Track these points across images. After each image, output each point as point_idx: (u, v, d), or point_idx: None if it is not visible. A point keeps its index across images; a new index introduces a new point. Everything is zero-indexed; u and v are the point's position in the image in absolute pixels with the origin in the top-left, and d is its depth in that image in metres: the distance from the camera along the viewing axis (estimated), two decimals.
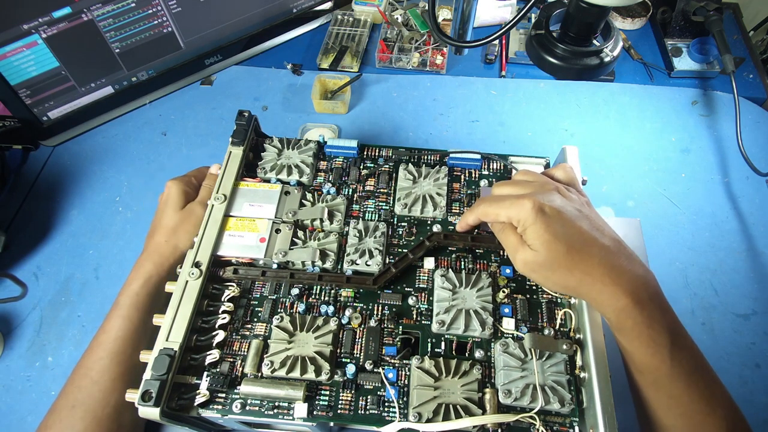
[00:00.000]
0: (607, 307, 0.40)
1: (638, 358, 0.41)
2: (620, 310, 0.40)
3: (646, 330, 0.39)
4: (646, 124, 0.79)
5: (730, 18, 0.93)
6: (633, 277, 0.40)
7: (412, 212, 0.53)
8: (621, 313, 0.40)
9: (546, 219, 0.41)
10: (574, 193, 0.46)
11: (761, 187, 0.72)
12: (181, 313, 0.44)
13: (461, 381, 0.43)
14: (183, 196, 0.57)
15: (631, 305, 0.39)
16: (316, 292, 0.49)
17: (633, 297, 0.39)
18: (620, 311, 0.40)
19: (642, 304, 0.39)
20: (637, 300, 0.39)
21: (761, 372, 0.59)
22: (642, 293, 0.40)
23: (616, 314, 0.40)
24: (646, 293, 0.40)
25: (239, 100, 0.84)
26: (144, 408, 0.39)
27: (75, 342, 0.61)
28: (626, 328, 0.40)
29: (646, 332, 0.39)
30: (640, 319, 0.39)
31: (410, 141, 0.78)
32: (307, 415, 0.42)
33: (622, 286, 0.40)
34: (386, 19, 0.89)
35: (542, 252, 0.41)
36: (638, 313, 0.39)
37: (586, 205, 0.46)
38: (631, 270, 0.41)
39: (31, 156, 0.78)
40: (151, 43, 0.76)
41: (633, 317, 0.39)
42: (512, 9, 0.89)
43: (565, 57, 0.50)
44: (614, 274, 0.40)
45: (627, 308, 0.39)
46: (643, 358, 0.40)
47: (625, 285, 0.40)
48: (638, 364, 0.41)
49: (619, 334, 0.42)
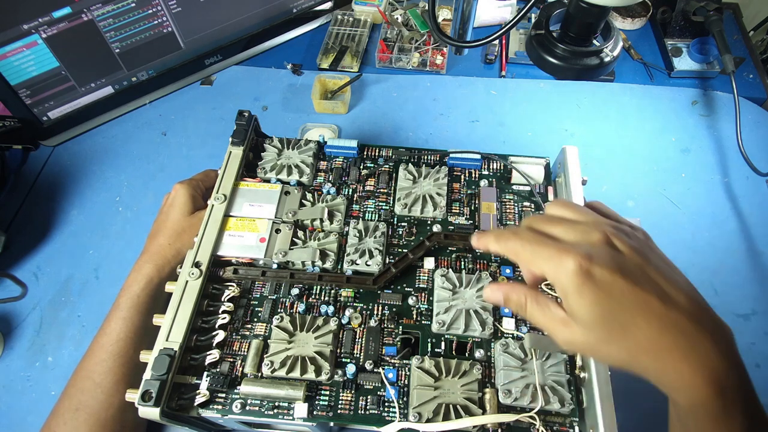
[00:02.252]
0: (682, 396, 0.31)
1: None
2: (698, 403, 0.31)
3: (725, 421, 0.31)
4: (646, 124, 0.79)
5: (730, 18, 0.93)
6: (717, 360, 0.30)
7: (412, 212, 0.53)
8: (698, 406, 0.31)
9: (595, 288, 0.31)
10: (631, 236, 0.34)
11: (761, 187, 0.72)
12: (181, 313, 0.44)
13: (461, 381, 0.43)
14: (191, 201, 0.57)
15: (713, 397, 0.30)
16: (316, 292, 0.49)
17: (715, 386, 0.30)
18: (697, 404, 0.31)
19: (725, 394, 0.30)
20: (719, 389, 0.30)
21: (761, 372, 0.59)
22: (727, 379, 0.30)
23: (690, 404, 0.31)
24: (731, 378, 0.31)
25: (239, 100, 0.84)
26: (144, 408, 0.39)
27: (75, 342, 0.61)
28: (700, 419, 0.32)
29: (723, 422, 0.31)
30: (720, 411, 0.31)
31: (410, 141, 0.78)
32: (307, 415, 0.42)
33: (704, 373, 0.30)
34: (386, 19, 0.89)
35: (593, 331, 0.32)
36: (720, 404, 0.30)
37: (647, 249, 0.34)
38: (714, 348, 0.31)
39: (31, 156, 0.78)
40: (151, 43, 0.76)
41: (712, 410, 0.31)
42: (512, 9, 0.89)
43: (565, 57, 0.50)
44: (694, 356, 0.30)
45: (707, 402, 0.30)
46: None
47: (708, 371, 0.30)
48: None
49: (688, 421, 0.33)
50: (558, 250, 0.32)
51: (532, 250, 0.33)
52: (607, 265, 0.31)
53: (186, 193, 0.57)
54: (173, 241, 0.55)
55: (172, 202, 0.57)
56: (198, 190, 0.59)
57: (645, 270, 0.32)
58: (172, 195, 0.58)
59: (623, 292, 0.31)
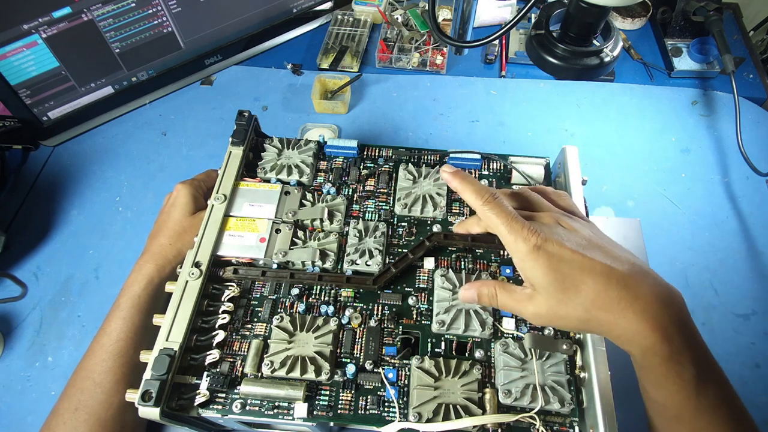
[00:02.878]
0: (633, 345, 0.36)
1: (661, 394, 0.37)
2: (647, 349, 0.35)
3: (674, 366, 0.36)
4: (646, 124, 0.79)
5: (730, 18, 0.93)
6: (660, 308, 0.35)
7: (412, 212, 0.53)
8: (647, 352, 0.36)
9: (547, 256, 0.37)
10: (576, 220, 0.41)
11: (761, 187, 0.72)
12: (181, 313, 0.44)
13: (461, 381, 0.43)
14: (193, 201, 0.57)
15: (659, 342, 0.35)
16: (316, 292, 0.49)
17: (661, 332, 0.35)
18: (647, 349, 0.36)
19: (670, 339, 0.35)
20: (665, 335, 0.35)
21: (761, 372, 0.59)
22: (670, 326, 0.35)
23: (641, 352, 0.36)
24: (675, 325, 0.35)
25: (239, 100, 0.84)
26: (144, 408, 0.39)
27: (75, 342, 0.61)
28: (652, 366, 0.36)
29: (674, 368, 0.36)
30: (668, 356, 0.35)
31: (410, 141, 0.78)
32: (307, 415, 0.42)
33: (648, 321, 0.35)
34: (386, 19, 0.89)
35: (551, 294, 0.37)
36: (666, 349, 0.35)
37: (595, 231, 0.41)
38: (656, 298, 0.36)
39: (31, 156, 0.78)
40: (151, 43, 0.76)
41: (660, 354, 0.35)
42: (512, 9, 0.89)
43: (565, 57, 0.50)
44: (637, 307, 0.35)
45: (654, 346, 0.35)
46: (666, 393, 0.37)
47: (651, 319, 0.35)
48: (660, 399, 0.38)
49: (643, 371, 0.38)
50: (523, 226, 0.38)
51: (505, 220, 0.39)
52: (556, 238, 0.38)
53: (188, 193, 0.57)
54: (174, 241, 0.55)
55: (173, 202, 0.57)
56: (200, 191, 0.59)
57: (590, 242, 0.38)
58: (173, 195, 0.58)
59: (572, 258, 0.37)
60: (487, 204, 0.40)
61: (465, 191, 0.42)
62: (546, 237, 0.37)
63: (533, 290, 0.38)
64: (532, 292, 0.38)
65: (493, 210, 0.39)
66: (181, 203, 0.57)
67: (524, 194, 0.45)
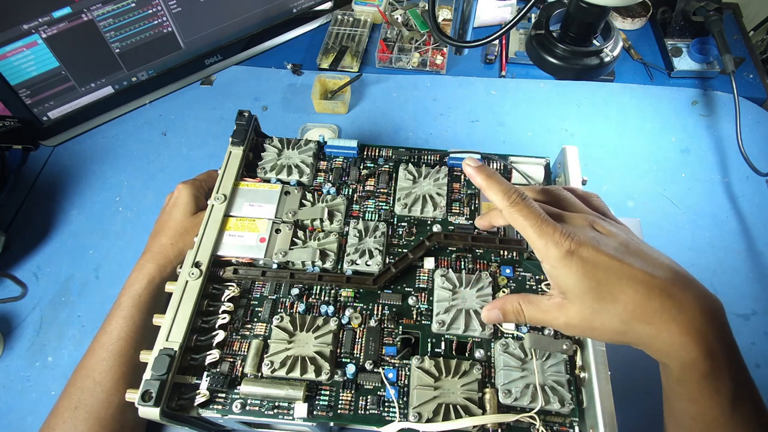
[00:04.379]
0: (672, 358, 0.34)
1: (694, 408, 0.35)
2: (687, 363, 0.33)
3: (713, 382, 0.33)
4: (646, 124, 0.79)
5: (730, 18, 0.93)
6: (705, 321, 0.33)
7: (412, 212, 0.53)
8: (687, 366, 0.33)
9: (582, 262, 0.34)
10: (612, 223, 0.38)
11: (761, 187, 0.72)
12: (181, 313, 0.44)
13: (461, 381, 0.43)
14: (194, 201, 0.57)
15: (702, 357, 0.32)
16: (316, 292, 0.49)
17: (704, 347, 0.32)
18: (687, 364, 0.33)
19: (713, 354, 0.33)
20: (708, 350, 0.32)
21: (761, 372, 0.59)
22: (714, 340, 0.33)
23: (681, 366, 0.34)
24: (718, 339, 0.33)
25: (239, 100, 0.84)
26: (144, 408, 0.39)
27: (75, 342, 0.61)
28: (690, 380, 0.34)
29: (712, 384, 0.33)
30: (708, 371, 0.33)
31: (410, 141, 0.78)
32: (307, 415, 0.42)
33: (692, 334, 0.32)
34: (386, 19, 0.89)
35: (585, 303, 0.34)
36: (708, 364, 0.33)
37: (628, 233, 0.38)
38: (701, 310, 0.33)
39: (31, 156, 0.78)
40: (151, 43, 0.76)
41: (701, 369, 0.33)
42: (512, 9, 0.89)
43: (565, 57, 0.50)
44: (682, 320, 0.33)
45: (696, 361, 0.33)
46: (700, 409, 0.35)
47: (696, 333, 0.32)
48: (691, 414, 0.35)
49: (678, 384, 0.35)
50: (555, 230, 0.35)
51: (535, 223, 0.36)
52: (591, 243, 0.34)
53: (189, 193, 0.57)
54: (176, 241, 0.55)
55: (175, 202, 0.57)
56: (201, 191, 0.59)
57: (627, 248, 0.35)
58: (175, 195, 0.58)
59: (609, 265, 0.34)
60: (515, 206, 0.36)
61: (490, 190, 0.38)
62: (580, 241, 0.34)
63: (564, 299, 0.35)
64: (563, 301, 0.36)
65: (521, 212, 0.36)
66: (182, 203, 0.57)
67: (554, 192, 0.42)
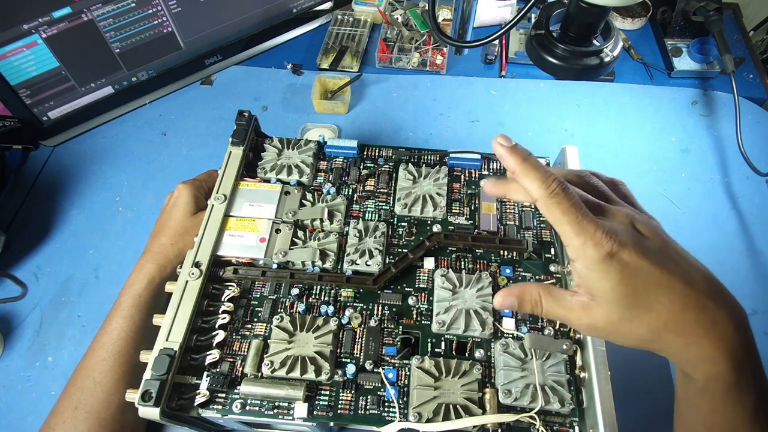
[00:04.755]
0: (698, 369, 0.33)
1: (715, 419, 0.34)
2: (713, 375, 0.32)
3: (737, 394, 0.33)
4: (646, 124, 0.79)
5: (730, 18, 0.93)
6: (734, 335, 0.32)
7: (412, 212, 0.53)
8: (713, 378, 0.33)
9: (621, 267, 0.31)
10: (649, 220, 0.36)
11: (761, 187, 0.72)
12: (181, 313, 0.44)
13: (461, 381, 0.43)
14: (194, 201, 0.57)
15: (729, 369, 0.32)
16: (316, 292, 0.49)
17: (732, 360, 0.32)
18: (713, 375, 0.32)
19: (741, 366, 0.32)
20: (735, 363, 0.32)
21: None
22: (741, 352, 0.32)
23: (706, 377, 0.33)
24: (745, 351, 0.32)
25: (239, 100, 0.84)
26: (144, 408, 0.39)
27: (75, 342, 0.61)
28: (714, 391, 0.33)
29: (737, 396, 0.33)
30: (734, 383, 0.32)
31: (410, 141, 0.78)
32: (307, 415, 0.42)
33: (722, 347, 0.32)
34: (386, 19, 0.89)
35: (615, 309, 0.32)
36: (734, 376, 0.32)
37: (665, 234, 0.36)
38: (731, 324, 0.32)
39: (31, 156, 0.78)
40: (151, 43, 0.76)
41: (727, 381, 0.32)
42: (512, 9, 0.89)
43: (565, 57, 0.50)
44: (714, 333, 0.32)
45: (723, 373, 0.32)
46: (721, 419, 0.34)
47: (725, 346, 0.32)
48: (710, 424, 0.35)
49: (701, 394, 0.34)
50: (596, 229, 0.32)
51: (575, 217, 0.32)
52: (634, 246, 0.32)
53: (189, 193, 0.57)
54: (176, 241, 0.55)
55: (175, 202, 0.57)
56: (201, 191, 0.59)
57: (667, 252, 0.33)
58: (175, 195, 0.58)
59: (649, 272, 0.32)
60: (555, 197, 0.32)
61: (525, 176, 0.33)
62: (622, 243, 0.32)
63: (591, 300, 0.33)
64: (590, 302, 0.33)
65: (561, 205, 0.32)
66: (182, 203, 0.57)
67: (587, 180, 0.38)
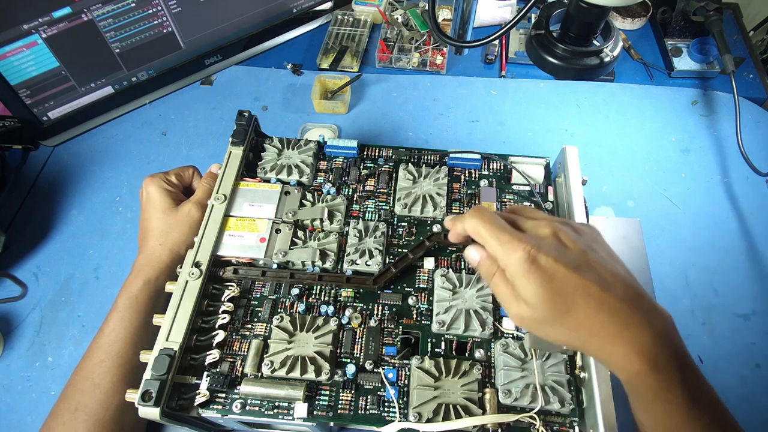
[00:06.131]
0: (619, 370, 0.35)
1: (651, 418, 0.36)
2: (634, 375, 0.35)
3: (663, 393, 0.34)
4: (646, 124, 0.79)
5: (730, 18, 0.93)
6: (650, 336, 0.34)
7: (412, 212, 0.53)
8: (634, 378, 0.35)
9: (540, 273, 0.35)
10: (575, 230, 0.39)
11: (761, 187, 0.72)
12: (181, 313, 0.44)
13: (461, 381, 0.43)
14: (166, 196, 0.56)
15: (646, 370, 0.34)
16: (316, 292, 0.49)
17: (648, 361, 0.34)
18: (634, 376, 0.35)
19: (659, 367, 0.34)
20: (653, 364, 0.34)
21: (761, 372, 0.59)
22: (659, 355, 0.34)
23: (628, 378, 0.35)
24: (664, 353, 0.34)
25: (239, 100, 0.84)
26: (144, 408, 0.39)
27: (75, 342, 0.61)
28: (639, 391, 0.35)
29: (663, 395, 0.35)
30: (656, 384, 0.34)
31: (410, 141, 0.78)
32: (307, 415, 0.42)
33: (636, 348, 0.34)
34: (386, 19, 0.89)
35: (539, 309, 0.35)
36: (654, 377, 0.34)
37: (593, 244, 0.38)
38: (647, 326, 0.35)
39: (31, 156, 0.78)
40: (151, 43, 0.76)
41: (648, 382, 0.34)
42: (512, 9, 0.89)
43: (565, 57, 0.50)
44: (627, 333, 0.34)
45: (641, 373, 0.34)
46: (655, 418, 0.36)
47: (640, 347, 0.34)
48: (650, 424, 0.37)
49: (631, 395, 0.37)
50: (512, 238, 0.36)
51: (493, 232, 0.37)
52: (552, 254, 0.35)
53: (157, 189, 0.56)
54: (164, 241, 0.54)
55: (147, 201, 0.56)
56: (170, 183, 0.57)
57: (586, 260, 0.36)
58: (144, 193, 0.57)
59: (565, 276, 0.35)
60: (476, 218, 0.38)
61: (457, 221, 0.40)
62: (540, 249, 0.35)
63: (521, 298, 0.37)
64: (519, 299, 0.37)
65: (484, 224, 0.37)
66: (155, 201, 0.55)
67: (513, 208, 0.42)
